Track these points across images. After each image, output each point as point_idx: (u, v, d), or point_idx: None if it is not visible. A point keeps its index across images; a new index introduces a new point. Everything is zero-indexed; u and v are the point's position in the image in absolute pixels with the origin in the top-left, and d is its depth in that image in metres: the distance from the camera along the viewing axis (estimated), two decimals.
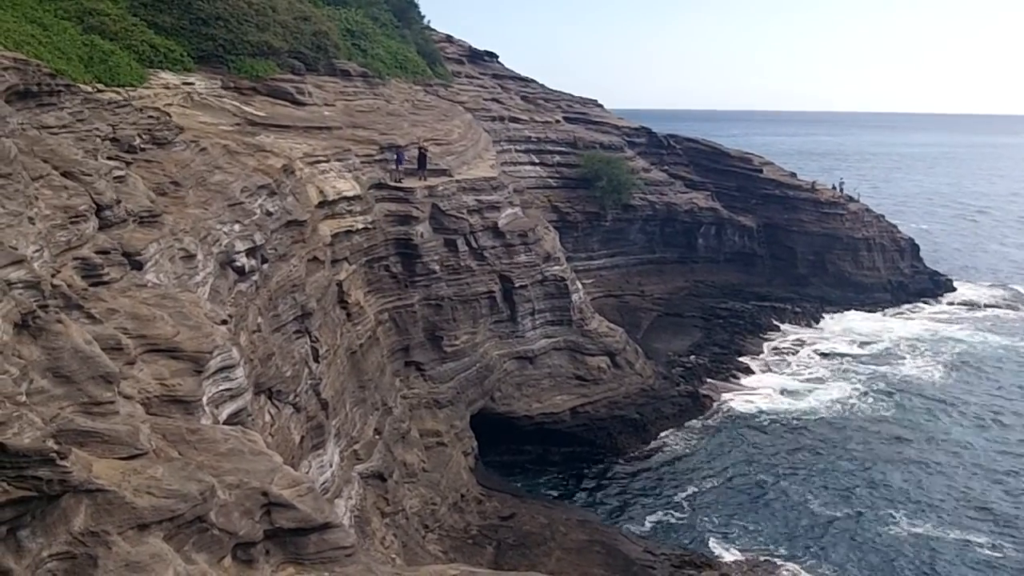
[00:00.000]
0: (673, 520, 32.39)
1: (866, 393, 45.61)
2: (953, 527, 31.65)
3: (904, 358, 51.53)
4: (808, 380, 47.57)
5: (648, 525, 31.96)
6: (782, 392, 45.52)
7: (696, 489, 34.63)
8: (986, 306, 64.32)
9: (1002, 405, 44.56)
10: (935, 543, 30.52)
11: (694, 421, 41.33)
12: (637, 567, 27.48)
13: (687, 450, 38.34)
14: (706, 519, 32.29)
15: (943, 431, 40.87)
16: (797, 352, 52.29)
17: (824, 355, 51.85)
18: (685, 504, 33.44)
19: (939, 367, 50.19)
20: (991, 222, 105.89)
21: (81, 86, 20.74)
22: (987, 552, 29.99)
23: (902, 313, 61.47)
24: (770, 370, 49.10)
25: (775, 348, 52.97)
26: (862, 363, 50.58)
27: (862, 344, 54.01)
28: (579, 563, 27.48)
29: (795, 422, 41.55)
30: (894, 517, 32.43)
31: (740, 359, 50.28)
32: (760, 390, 45.67)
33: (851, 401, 44.39)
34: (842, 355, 51.91)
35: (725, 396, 44.43)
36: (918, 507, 33.23)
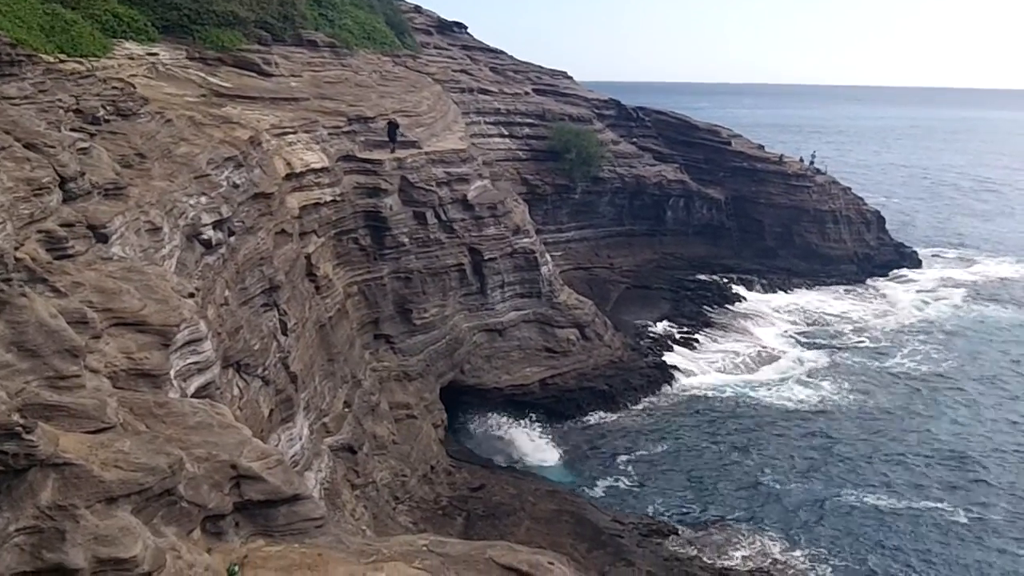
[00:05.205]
0: (636, 489, 32.81)
1: (829, 365, 46.41)
2: (922, 498, 32.34)
3: (865, 331, 52.39)
4: (771, 352, 48.24)
5: (613, 494, 32.34)
6: (744, 365, 46.10)
7: (660, 460, 35.08)
8: (945, 277, 65.48)
9: (953, 370, 45.89)
10: (896, 515, 31.14)
11: (661, 391, 41.77)
12: (605, 536, 27.83)
13: (652, 421, 38.69)
14: (670, 488, 32.76)
15: (910, 405, 41.57)
16: (762, 324, 52.84)
17: (790, 327, 52.62)
18: (649, 473, 33.86)
19: (903, 338, 51.22)
20: (958, 195, 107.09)
21: (43, 56, 20.38)
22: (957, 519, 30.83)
23: (865, 286, 62.36)
24: (733, 342, 49.58)
25: (741, 320, 53.40)
26: (824, 337, 51.37)
27: (822, 320, 54.85)
28: (548, 532, 27.75)
29: (759, 394, 42.15)
30: (852, 487, 33.05)
31: (707, 330, 50.83)
32: (724, 362, 46.23)
33: (813, 373, 45.12)
34: (804, 330, 52.67)
35: (689, 368, 44.84)
36: (880, 480, 33.86)
